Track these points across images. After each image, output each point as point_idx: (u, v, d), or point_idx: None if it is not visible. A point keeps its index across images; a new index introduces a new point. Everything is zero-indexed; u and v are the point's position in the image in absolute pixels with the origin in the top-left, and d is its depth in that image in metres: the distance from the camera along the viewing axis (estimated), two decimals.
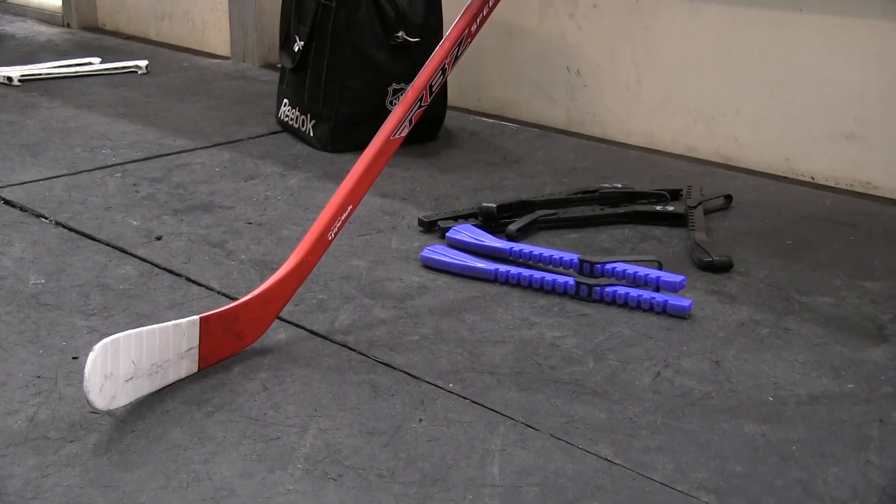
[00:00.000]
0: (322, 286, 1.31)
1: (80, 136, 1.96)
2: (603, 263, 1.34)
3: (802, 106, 1.86)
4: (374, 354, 1.13)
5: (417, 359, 1.13)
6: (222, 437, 0.96)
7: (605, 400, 1.05)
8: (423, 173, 1.84)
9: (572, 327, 1.23)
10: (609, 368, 1.12)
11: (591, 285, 1.30)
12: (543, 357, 1.15)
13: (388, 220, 1.58)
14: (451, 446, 0.96)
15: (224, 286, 1.30)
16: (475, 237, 1.45)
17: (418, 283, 1.35)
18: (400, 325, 1.21)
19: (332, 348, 1.15)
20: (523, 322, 1.24)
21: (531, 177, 1.85)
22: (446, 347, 1.16)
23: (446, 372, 1.10)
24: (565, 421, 1.01)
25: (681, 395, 1.07)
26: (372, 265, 1.40)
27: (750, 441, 0.99)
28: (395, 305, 1.27)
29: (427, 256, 1.40)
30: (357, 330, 1.19)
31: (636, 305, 1.28)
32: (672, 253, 1.49)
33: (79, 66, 2.55)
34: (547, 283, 1.33)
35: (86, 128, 2.01)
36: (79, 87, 2.37)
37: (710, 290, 1.36)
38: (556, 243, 1.51)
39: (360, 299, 1.28)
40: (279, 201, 1.64)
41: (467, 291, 1.32)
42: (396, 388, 1.06)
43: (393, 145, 1.22)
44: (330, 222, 1.16)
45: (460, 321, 1.23)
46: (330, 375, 1.08)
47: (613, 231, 1.57)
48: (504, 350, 1.16)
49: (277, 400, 1.02)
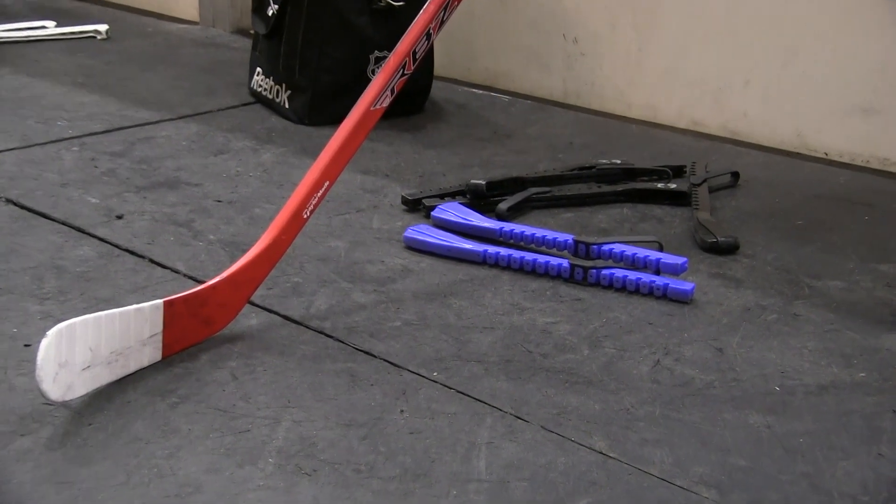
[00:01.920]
0: (297, 268, 1.31)
1: (33, 106, 1.92)
2: (599, 245, 1.33)
3: (816, 77, 1.86)
4: (352, 341, 1.13)
5: (399, 346, 1.13)
6: (188, 429, 0.95)
7: (600, 390, 1.05)
8: (408, 148, 1.82)
9: (566, 313, 1.23)
10: (605, 356, 1.13)
11: (586, 268, 1.30)
12: (535, 344, 1.15)
13: (368, 197, 1.57)
14: (434, 439, 0.96)
15: (191, 268, 1.29)
16: (463, 216, 1.45)
17: (401, 265, 1.34)
18: (381, 310, 1.21)
19: (307, 335, 1.14)
20: (513, 307, 1.24)
21: (524, 152, 1.83)
22: (430, 334, 1.16)
23: (430, 360, 1.10)
24: (557, 412, 1.01)
25: (681, 384, 1.07)
26: (351, 246, 1.39)
27: (754, 433, 0.99)
28: (376, 289, 1.27)
29: (411, 237, 1.39)
30: (335, 315, 1.19)
31: (635, 289, 1.28)
32: (674, 234, 1.48)
33: (32, 31, 2.51)
34: (539, 266, 1.32)
35: (39, 98, 1.98)
36: (32, 52, 2.32)
37: (714, 273, 1.35)
38: (549, 223, 1.51)
39: (338, 283, 1.28)
40: (251, 178, 1.63)
41: (454, 274, 1.32)
42: (376, 377, 1.06)
43: (373, 117, 1.21)
44: (305, 200, 1.15)
45: (446, 306, 1.23)
46: (305, 364, 1.08)
47: (611, 210, 1.56)
48: (492, 337, 1.16)
49: (248, 390, 1.02)
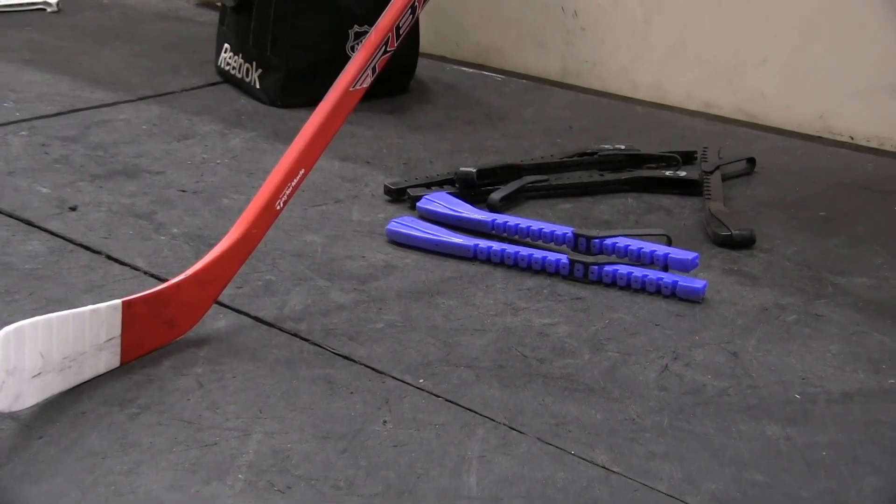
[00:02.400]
0: (269, 265, 1.31)
1: None
2: (602, 238, 1.33)
3: (840, 53, 1.86)
4: (330, 345, 1.13)
5: (382, 350, 1.13)
6: (149, 443, 0.95)
7: (602, 398, 1.05)
8: (391, 132, 1.82)
9: (565, 313, 1.23)
10: (608, 361, 1.12)
11: (587, 264, 1.29)
12: (531, 348, 1.15)
13: (348, 187, 1.57)
14: (420, 452, 0.96)
15: (152, 265, 1.29)
16: (451, 207, 1.44)
17: (384, 261, 1.34)
18: (361, 310, 1.21)
19: (280, 338, 1.14)
20: (507, 307, 1.24)
21: (518, 137, 1.83)
22: (416, 337, 1.16)
23: (416, 365, 1.10)
24: (555, 422, 1.01)
25: (692, 392, 1.07)
26: (329, 240, 1.39)
27: (772, 445, 0.99)
28: (356, 288, 1.27)
29: (394, 230, 1.39)
30: (311, 316, 1.19)
31: (640, 287, 1.27)
32: (684, 226, 1.48)
33: None
34: (535, 262, 1.32)
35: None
36: None
37: (727, 269, 1.35)
38: (546, 215, 1.50)
39: (314, 280, 1.28)
40: (219, 165, 1.63)
41: (441, 271, 1.32)
42: (357, 384, 1.06)
43: (353, 98, 1.21)
44: (278, 190, 1.15)
45: (433, 306, 1.23)
46: (278, 370, 1.08)
47: (615, 200, 1.56)
48: (484, 340, 1.16)
49: (215, 399, 1.02)
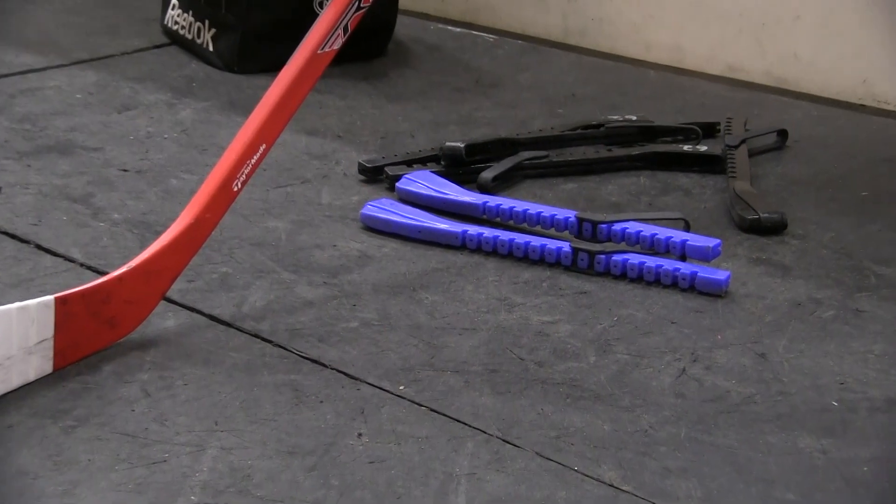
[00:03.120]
0: (226, 255, 1.30)
1: None
2: (610, 223, 1.33)
3: (887, 8, 1.85)
4: (296, 347, 1.13)
5: (356, 353, 1.13)
6: (87, 460, 0.95)
7: (610, 406, 1.05)
8: (366, 102, 1.82)
9: (567, 310, 1.22)
10: (616, 365, 1.12)
11: (592, 253, 1.29)
12: (528, 350, 1.15)
13: (316, 165, 1.57)
14: (401, 469, 0.95)
15: (90, 256, 1.29)
16: (436, 189, 1.44)
17: (358, 250, 1.34)
18: (332, 307, 1.21)
19: (239, 339, 1.14)
20: (501, 303, 1.24)
21: (513, 106, 1.82)
22: (396, 337, 1.16)
23: (396, 370, 1.10)
24: (556, 435, 1.00)
25: (713, 399, 1.07)
26: (294, 227, 1.39)
27: (806, 460, 0.99)
28: (326, 281, 1.26)
29: (370, 215, 1.39)
30: (274, 314, 1.19)
31: (654, 280, 1.27)
32: (704, 209, 1.48)
33: None
34: (533, 251, 1.31)
35: None
36: None
37: (754, 258, 1.35)
38: (546, 196, 1.50)
39: (277, 273, 1.28)
40: (166, 141, 1.63)
41: (425, 262, 1.32)
42: (327, 392, 1.06)
43: (322, 62, 1.21)
44: (235, 169, 1.15)
45: (415, 302, 1.23)
46: (236, 376, 1.08)
47: (624, 180, 1.56)
48: (474, 340, 1.16)
49: (164, 409, 1.02)
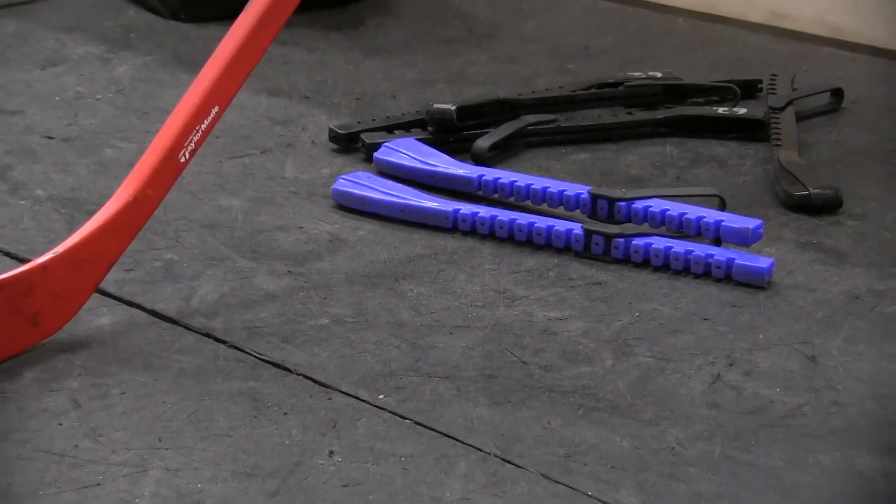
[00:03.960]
0: (171, 240, 1.30)
1: None
2: (629, 201, 1.32)
3: None
4: (255, 349, 1.12)
5: (327, 355, 1.11)
6: (6, 484, 0.94)
7: (630, 419, 1.04)
8: (338, 56, 1.81)
9: (579, 304, 1.21)
10: (637, 369, 1.11)
11: (609, 236, 1.28)
12: (532, 351, 1.13)
13: (279, 132, 1.56)
14: (380, 494, 0.94)
15: (8, 240, 1.28)
16: (422, 159, 1.43)
17: (329, 233, 1.33)
18: (299, 301, 1.20)
19: (187, 339, 1.13)
20: (499, 296, 1.22)
21: (514, 61, 1.81)
22: (374, 337, 1.15)
23: (374, 376, 1.09)
24: (566, 453, 0.99)
25: (753, 410, 1.06)
26: (253, 205, 1.38)
27: (865, 484, 0.99)
28: (291, 270, 1.26)
29: (343, 191, 1.38)
30: (228, 310, 1.18)
31: (683, 268, 1.26)
32: (743, 183, 1.47)
33: None
34: (538, 233, 1.30)
35: None
36: None
37: (803, 242, 1.34)
38: (553, 169, 1.49)
39: (233, 260, 1.27)
40: (99, 102, 1.62)
41: (408, 247, 1.31)
42: (293, 402, 1.05)
43: (286, 8, 1.20)
44: (183, 136, 1.15)
45: (397, 295, 1.22)
46: (184, 383, 1.07)
47: (648, 148, 1.55)
48: (468, 340, 1.15)
49: (98, 423, 1.01)
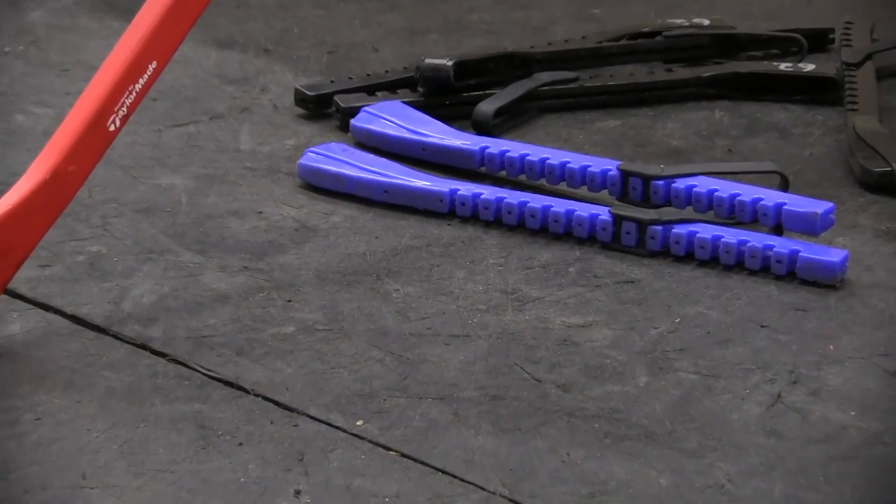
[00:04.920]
0: (98, 227, 1.31)
1: None
2: (669, 179, 1.32)
3: None
4: (203, 364, 1.12)
5: (292, 371, 1.11)
6: None
7: (669, 450, 1.03)
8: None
9: (606, 307, 1.21)
10: (678, 388, 1.10)
11: (644, 223, 1.28)
12: (547, 367, 1.12)
13: (232, 93, 1.59)
14: None
15: None
16: (410, 127, 1.44)
17: (295, 219, 1.34)
18: (257, 304, 1.20)
19: (118, 352, 1.13)
20: (507, 297, 1.22)
21: (525, 6, 1.84)
22: (351, 348, 1.14)
23: (351, 397, 1.07)
24: (589, 492, 0.98)
25: (822, 438, 1.05)
26: (200, 185, 1.39)
27: None
28: (248, 266, 1.26)
29: (313, 167, 1.38)
30: (170, 315, 1.18)
31: (735, 262, 1.25)
32: (810, 157, 1.48)
33: None
34: (556, 220, 1.30)
35: None
36: None
37: (884, 230, 1.35)
38: (575, 140, 1.49)
39: (175, 253, 1.28)
40: (7, 57, 1.66)
41: (394, 236, 1.31)
42: (250, 429, 1.03)
43: None
44: (112, 99, 1.16)
45: (379, 296, 1.22)
46: (114, 407, 1.06)
47: (692, 114, 1.56)
48: (468, 353, 1.14)
49: (6, 457, 1.00)
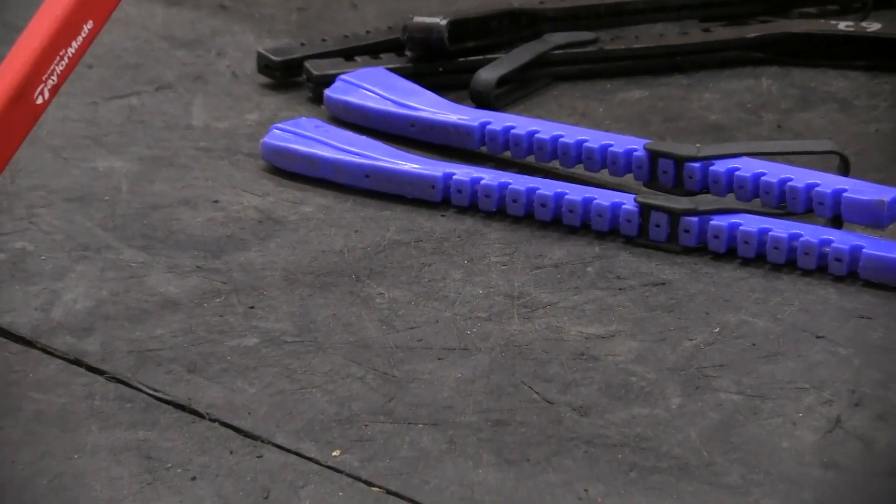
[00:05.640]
0: (22, 220, 1.32)
1: None
2: (707, 161, 1.30)
3: None
4: (149, 382, 1.10)
5: (256, 392, 1.08)
6: None
7: (707, 485, 1.01)
8: None
9: (631, 314, 1.18)
10: (718, 412, 1.07)
11: (676, 213, 1.26)
12: (561, 386, 1.09)
13: (182, 58, 1.61)
14: None
15: None
16: (397, 99, 1.44)
17: (258, 210, 1.34)
18: (213, 311, 1.18)
19: (47, 368, 1.13)
20: (512, 302, 1.21)
21: None
22: (325, 364, 1.12)
23: (325, 423, 1.05)
24: None
25: (890, 471, 1.03)
26: (145, 169, 1.40)
27: None
28: (202, 265, 1.25)
29: (280, 147, 1.38)
30: (109, 325, 1.17)
31: (786, 261, 1.23)
32: (875, 134, 1.49)
33: None
34: (571, 210, 1.28)
35: None
36: None
37: None
38: (593, 114, 1.49)
39: (115, 251, 1.27)
40: None
41: (377, 230, 1.30)
42: (204, 461, 1.03)
43: None
44: (39, 67, 1.17)
45: (360, 301, 1.19)
46: (44, 434, 1.05)
47: (734, 82, 1.57)
48: (466, 369, 1.11)
49: None
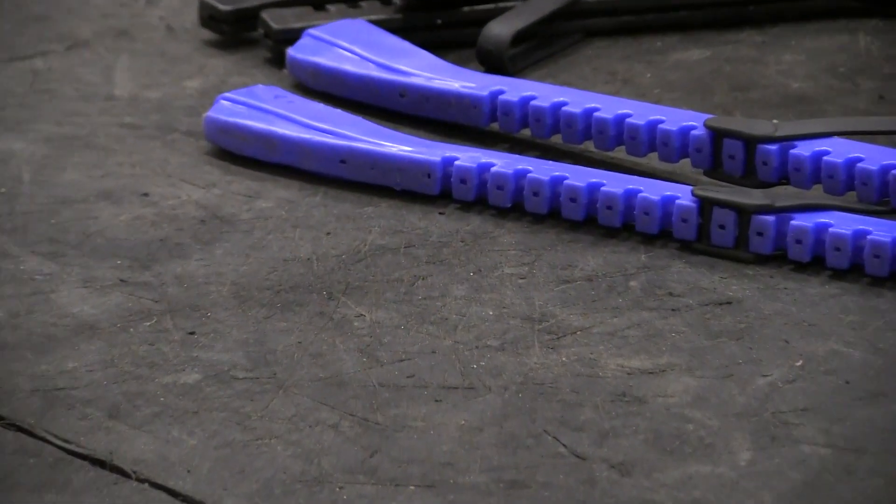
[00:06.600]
0: None
1: None
2: (786, 142, 1.24)
3: None
4: (58, 431, 1.04)
5: (197, 444, 1.05)
6: None
7: None
8: None
9: (687, 342, 1.10)
10: (801, 471, 1.00)
11: (747, 210, 1.19)
12: (595, 436, 1.04)
13: (103, 8, 1.57)
14: None
15: None
16: (381, 61, 1.38)
17: (199, 205, 1.28)
18: (141, 338, 1.11)
19: None
20: (531, 326, 1.13)
21: None
22: (288, 407, 1.07)
23: (287, 483, 1.02)
24: None
25: None
26: (53, 151, 1.36)
27: None
28: (126, 278, 1.18)
29: (227, 123, 1.33)
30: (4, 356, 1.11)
31: (888, 274, 1.14)
32: None
33: None
34: (609, 205, 1.22)
35: None
36: None
37: None
38: (638, 80, 1.44)
39: (14, 259, 1.20)
40: None
41: (355, 231, 1.22)
42: None
43: None
44: None
45: (333, 325, 1.11)
46: None
47: (822, 40, 1.51)
48: (472, 413, 1.07)
49: None
